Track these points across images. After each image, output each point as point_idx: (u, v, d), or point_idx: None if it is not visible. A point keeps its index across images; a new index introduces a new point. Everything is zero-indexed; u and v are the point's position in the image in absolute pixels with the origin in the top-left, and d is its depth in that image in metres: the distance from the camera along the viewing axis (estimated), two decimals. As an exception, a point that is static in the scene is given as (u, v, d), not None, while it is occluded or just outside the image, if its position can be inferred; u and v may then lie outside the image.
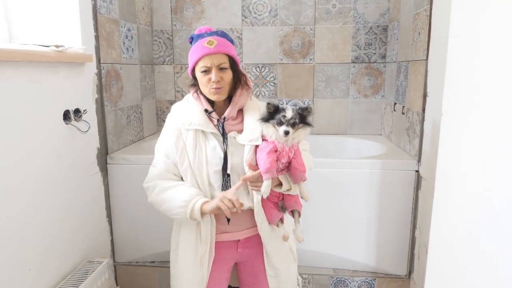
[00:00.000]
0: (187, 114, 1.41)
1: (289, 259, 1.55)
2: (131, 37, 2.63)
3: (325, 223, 2.22)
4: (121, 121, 2.49)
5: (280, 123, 1.33)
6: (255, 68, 2.97)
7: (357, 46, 2.88)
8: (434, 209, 1.05)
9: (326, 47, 2.90)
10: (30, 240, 1.64)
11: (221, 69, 1.35)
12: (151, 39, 2.99)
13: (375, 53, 2.87)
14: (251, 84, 1.45)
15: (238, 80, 1.41)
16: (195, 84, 1.44)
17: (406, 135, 2.35)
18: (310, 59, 2.92)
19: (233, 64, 1.38)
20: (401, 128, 2.45)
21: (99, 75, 2.20)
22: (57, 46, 1.75)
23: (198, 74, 1.37)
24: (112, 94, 2.35)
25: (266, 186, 1.33)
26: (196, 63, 1.37)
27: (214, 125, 1.40)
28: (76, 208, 1.98)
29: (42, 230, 1.71)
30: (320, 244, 2.25)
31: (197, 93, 1.44)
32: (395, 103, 2.62)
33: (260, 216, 1.42)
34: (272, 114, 1.36)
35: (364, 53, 2.88)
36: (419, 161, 2.12)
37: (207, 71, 1.34)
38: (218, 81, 1.34)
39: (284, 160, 1.36)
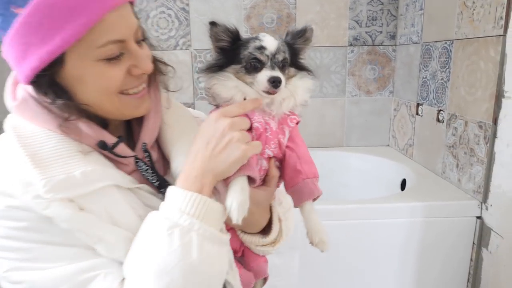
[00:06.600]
0: (61, 159, 0.61)
1: None
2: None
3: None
4: None
5: (255, 66, 0.68)
6: (204, 56, 2.03)
7: (357, 22, 2.01)
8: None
9: (312, 24, 2.01)
10: None
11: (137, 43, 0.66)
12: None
13: (381, 32, 2.03)
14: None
15: (156, 62, 0.72)
16: (61, 100, 0.62)
17: (451, 155, 1.54)
18: (290, 42, 2.02)
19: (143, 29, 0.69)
20: (438, 144, 1.64)
21: None
22: None
23: (93, 69, 0.60)
24: None
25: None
26: (77, 40, 0.57)
27: (130, 172, 0.68)
28: None
29: None
30: None
31: (68, 120, 0.62)
32: (418, 104, 1.80)
33: None
34: (229, 52, 0.69)
35: (366, 32, 2.03)
36: (484, 202, 1.33)
37: (118, 56, 0.61)
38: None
39: (269, 151, 0.69)
